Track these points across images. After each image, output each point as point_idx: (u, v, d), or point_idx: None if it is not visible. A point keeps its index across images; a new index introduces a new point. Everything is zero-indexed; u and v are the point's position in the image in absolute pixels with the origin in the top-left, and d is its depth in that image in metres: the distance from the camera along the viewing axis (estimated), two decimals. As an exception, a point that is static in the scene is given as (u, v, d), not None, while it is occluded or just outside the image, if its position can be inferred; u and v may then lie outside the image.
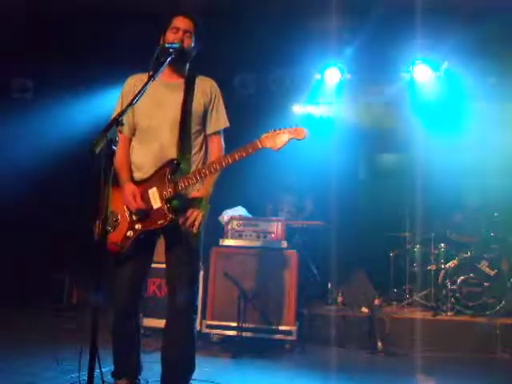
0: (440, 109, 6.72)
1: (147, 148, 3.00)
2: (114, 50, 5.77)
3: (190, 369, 3.05)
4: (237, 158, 2.80)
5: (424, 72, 6.40)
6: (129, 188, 2.94)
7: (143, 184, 2.96)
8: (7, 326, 5.11)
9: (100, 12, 5.38)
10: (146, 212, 2.91)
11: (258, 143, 2.80)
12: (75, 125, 6.26)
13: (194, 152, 3.04)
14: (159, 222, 2.88)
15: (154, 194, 2.91)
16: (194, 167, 2.98)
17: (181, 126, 2.97)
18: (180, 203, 2.92)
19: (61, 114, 6.54)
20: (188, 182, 2.86)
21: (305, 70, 6.67)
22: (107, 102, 5.38)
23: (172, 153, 2.95)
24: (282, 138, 2.79)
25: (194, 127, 3.03)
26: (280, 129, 2.81)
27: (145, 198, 2.92)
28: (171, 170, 2.90)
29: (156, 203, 2.90)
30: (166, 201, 2.88)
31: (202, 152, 3.09)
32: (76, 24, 5.64)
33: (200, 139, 3.08)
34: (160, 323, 4.97)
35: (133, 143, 3.09)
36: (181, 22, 2.97)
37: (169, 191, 2.87)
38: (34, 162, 6.15)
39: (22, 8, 5.41)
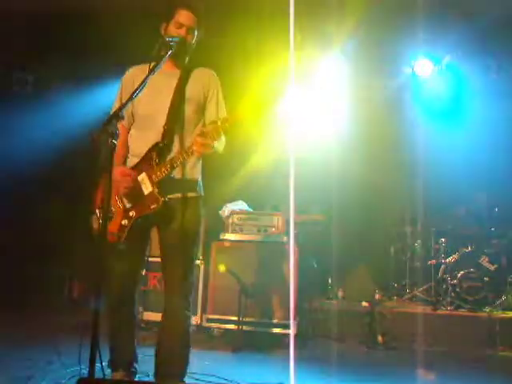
0: (442, 103, 6.70)
1: (146, 135, 2.98)
2: (114, 45, 5.75)
3: (182, 364, 2.99)
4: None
5: (425, 66, 6.38)
6: (117, 170, 2.90)
7: (132, 171, 2.96)
8: (7, 320, 5.11)
9: (100, 7, 5.36)
10: (139, 198, 2.90)
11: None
12: (75, 118, 6.24)
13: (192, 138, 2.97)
14: (152, 207, 2.87)
15: (143, 179, 2.91)
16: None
17: (175, 111, 2.94)
18: (171, 185, 2.91)
19: (60, 107, 6.53)
20: (177, 162, 2.84)
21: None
22: (106, 96, 5.37)
23: (169, 138, 2.93)
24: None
25: (192, 114, 3.01)
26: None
27: (136, 185, 2.91)
28: (157, 154, 2.89)
29: (147, 188, 2.90)
30: (156, 184, 2.88)
31: None
32: (76, 19, 5.63)
33: (199, 127, 3.05)
34: (160, 317, 5.03)
35: (131, 131, 3.08)
36: (185, 18, 2.93)
37: (158, 174, 2.87)
38: (33, 155, 6.13)
39: (22, 2, 5.39)
